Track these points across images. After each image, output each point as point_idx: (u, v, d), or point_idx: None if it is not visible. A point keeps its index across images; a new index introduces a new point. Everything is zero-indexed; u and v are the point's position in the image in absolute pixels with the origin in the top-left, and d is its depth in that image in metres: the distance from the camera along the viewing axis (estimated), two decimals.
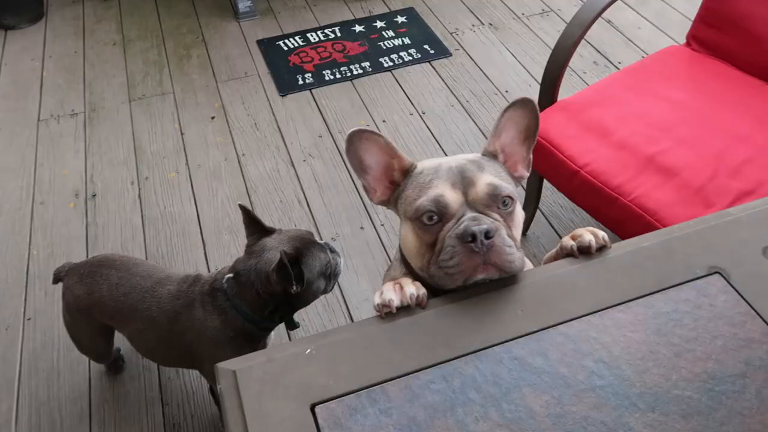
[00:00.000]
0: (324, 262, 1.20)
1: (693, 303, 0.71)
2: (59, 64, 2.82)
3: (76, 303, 1.30)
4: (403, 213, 0.82)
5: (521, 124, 0.81)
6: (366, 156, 0.81)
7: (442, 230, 0.75)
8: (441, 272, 0.74)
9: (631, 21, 2.86)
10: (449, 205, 0.75)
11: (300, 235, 1.22)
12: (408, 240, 0.81)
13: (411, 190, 0.80)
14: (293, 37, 2.89)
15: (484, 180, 0.76)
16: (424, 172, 0.80)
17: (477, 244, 0.71)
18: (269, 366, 0.67)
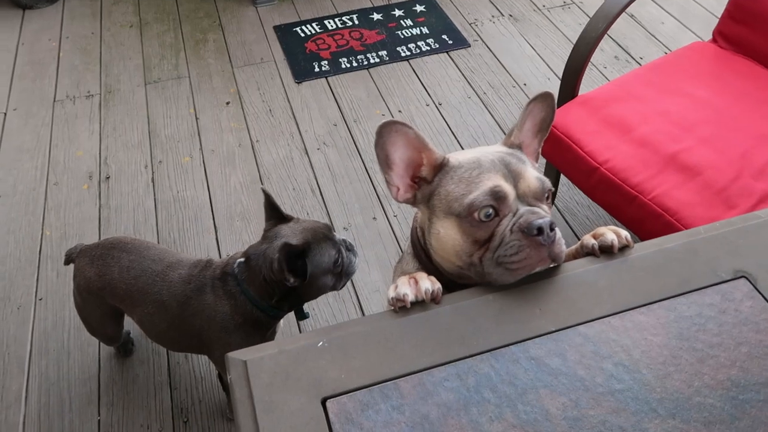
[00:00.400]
0: (332, 259, 1.17)
1: (717, 308, 0.69)
2: (76, 45, 2.82)
3: (87, 285, 1.30)
4: (444, 210, 0.77)
5: (538, 116, 0.80)
6: (392, 150, 0.78)
7: (500, 225, 0.73)
8: (500, 268, 0.71)
9: (654, 15, 2.80)
10: (507, 196, 0.73)
11: (315, 227, 1.19)
12: (449, 237, 0.76)
13: (454, 186, 0.76)
14: (310, 23, 2.86)
15: (532, 173, 0.75)
16: (463, 165, 0.77)
17: (544, 237, 0.70)
18: (280, 357, 0.65)
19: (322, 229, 1.19)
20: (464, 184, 0.75)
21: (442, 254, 0.79)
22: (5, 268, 1.92)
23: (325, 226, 1.21)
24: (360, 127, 2.34)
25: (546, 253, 0.71)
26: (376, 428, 0.60)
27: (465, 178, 0.75)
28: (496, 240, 0.72)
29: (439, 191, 0.77)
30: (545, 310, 0.69)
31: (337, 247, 1.18)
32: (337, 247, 1.18)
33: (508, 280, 0.72)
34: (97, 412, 1.58)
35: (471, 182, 0.75)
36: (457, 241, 0.76)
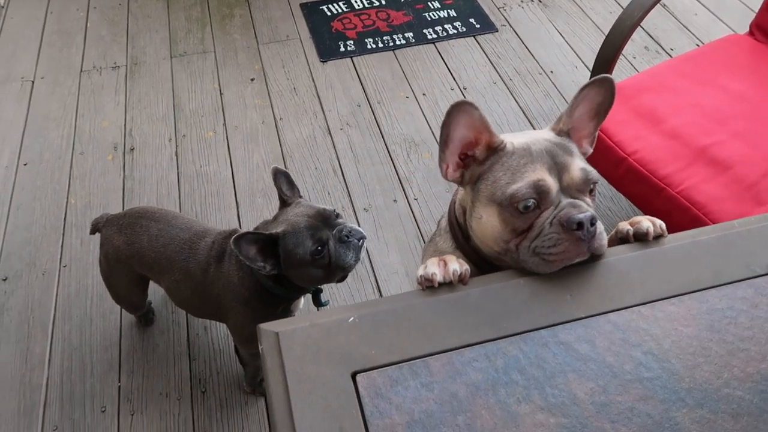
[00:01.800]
0: (307, 250, 1.09)
1: (750, 302, 0.68)
2: (103, 16, 2.83)
3: (116, 253, 1.32)
4: (487, 196, 0.77)
5: (595, 101, 0.79)
6: (454, 129, 0.77)
7: (540, 217, 0.73)
8: (536, 258, 0.72)
9: (688, 6, 2.75)
10: (550, 191, 0.73)
11: (306, 213, 1.13)
12: (490, 224, 0.77)
13: (502, 173, 0.76)
14: (337, 2, 2.85)
15: (577, 165, 0.75)
16: (516, 152, 0.76)
17: (584, 232, 0.70)
18: (312, 330, 0.66)
19: (313, 217, 1.13)
20: (510, 173, 0.75)
21: (481, 238, 0.80)
22: (31, 234, 1.95)
23: (319, 214, 1.13)
24: (383, 108, 2.33)
25: (585, 248, 0.71)
26: (405, 404, 0.61)
27: (512, 166, 0.75)
28: (534, 230, 0.73)
29: (487, 176, 0.77)
30: (576, 296, 0.69)
31: (319, 239, 1.11)
32: (318, 238, 1.10)
33: (543, 270, 0.72)
34: (118, 379, 1.62)
35: (516, 172, 0.74)
36: (496, 228, 0.76)
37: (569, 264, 0.71)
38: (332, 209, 1.16)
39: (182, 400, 1.58)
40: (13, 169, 2.15)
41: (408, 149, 2.17)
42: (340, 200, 2.02)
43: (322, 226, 1.12)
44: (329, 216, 1.14)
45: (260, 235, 1.09)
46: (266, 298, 1.24)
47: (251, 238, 1.07)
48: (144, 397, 1.59)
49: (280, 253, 1.11)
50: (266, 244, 1.10)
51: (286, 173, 1.21)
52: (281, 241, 1.10)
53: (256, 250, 1.09)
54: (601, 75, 0.76)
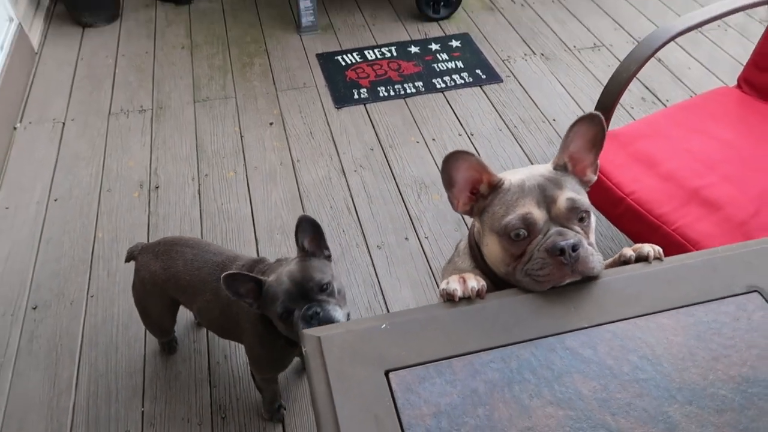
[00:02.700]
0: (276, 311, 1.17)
1: (732, 315, 0.78)
2: (131, 63, 3.01)
3: (152, 278, 1.42)
4: (489, 226, 0.89)
5: (588, 134, 0.90)
6: (456, 173, 0.88)
7: (531, 244, 0.84)
8: (529, 279, 0.82)
9: (682, 61, 2.92)
10: (536, 222, 0.84)
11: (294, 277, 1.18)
12: (493, 250, 0.89)
13: (499, 207, 0.87)
14: (351, 53, 3.03)
15: (563, 196, 0.85)
16: (511, 189, 0.87)
17: (566, 257, 0.80)
18: (348, 336, 0.76)
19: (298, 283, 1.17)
20: (505, 207, 0.86)
21: (489, 260, 0.92)
22: (60, 266, 2.05)
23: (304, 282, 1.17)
24: (395, 152, 2.47)
25: (568, 270, 0.81)
26: (432, 397, 0.70)
27: (507, 201, 0.87)
28: (526, 255, 0.84)
29: (489, 209, 0.89)
30: (579, 309, 0.79)
31: (287, 308, 1.17)
32: (286, 307, 1.16)
33: (536, 289, 0.82)
34: (141, 404, 1.69)
35: (510, 206, 0.86)
36: (498, 254, 0.88)
37: (560, 284, 0.81)
38: (323, 282, 1.19)
39: (203, 425, 1.64)
40: (44, 204, 2.27)
41: (418, 190, 2.29)
42: (354, 238, 2.13)
43: (298, 296, 1.17)
44: (311, 289, 1.17)
45: (249, 277, 1.19)
46: (270, 328, 1.31)
47: (241, 278, 1.17)
48: (166, 422, 1.65)
49: (261, 299, 1.21)
50: (255, 285, 1.20)
51: (313, 225, 1.22)
52: (264, 289, 1.20)
53: (246, 288, 1.19)
54: (589, 112, 0.88)
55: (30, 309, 1.92)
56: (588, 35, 3.13)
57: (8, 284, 1.99)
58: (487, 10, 3.36)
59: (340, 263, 2.04)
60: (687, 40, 3.03)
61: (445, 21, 3.26)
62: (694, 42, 3.03)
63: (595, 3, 3.40)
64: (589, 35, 3.13)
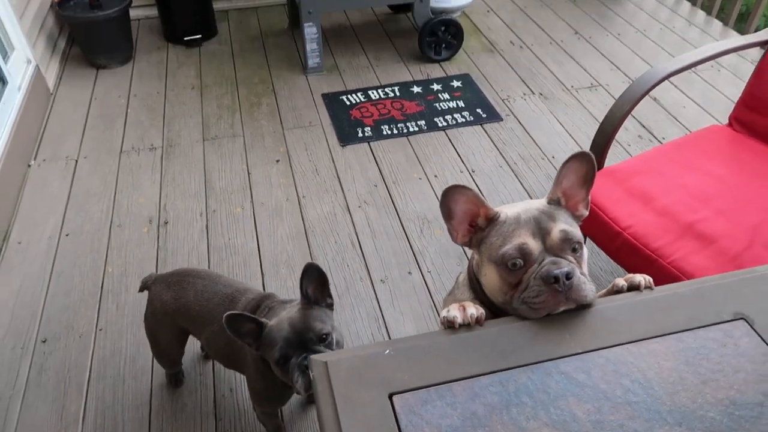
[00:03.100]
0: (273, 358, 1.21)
1: (719, 342, 0.82)
2: (143, 103, 3.11)
3: (163, 307, 1.47)
4: (487, 256, 0.94)
5: (580, 171, 0.95)
6: (454, 206, 0.94)
7: (527, 273, 0.88)
8: (526, 306, 0.87)
9: (677, 100, 3.00)
10: (531, 252, 0.89)
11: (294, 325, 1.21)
12: (491, 279, 0.93)
13: (496, 238, 0.92)
14: (356, 93, 3.12)
15: (557, 228, 0.90)
16: (507, 221, 0.92)
17: (560, 285, 0.84)
18: (354, 360, 0.80)
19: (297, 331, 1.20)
20: (502, 238, 0.91)
21: (487, 290, 0.96)
22: (70, 299, 2.10)
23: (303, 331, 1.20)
24: (398, 188, 2.53)
25: (563, 298, 0.85)
26: (433, 419, 0.73)
27: (504, 233, 0.92)
28: (523, 284, 0.88)
29: (486, 241, 0.94)
30: (574, 336, 0.83)
31: (284, 354, 1.19)
32: (284, 354, 1.19)
33: (532, 317, 0.86)
34: None
35: (507, 237, 0.91)
36: (496, 282, 0.92)
37: (555, 311, 0.85)
38: (323, 332, 1.21)
39: None
40: (56, 239, 2.33)
41: (421, 226, 2.35)
42: (358, 272, 2.17)
43: (297, 344, 1.20)
44: (310, 339, 1.20)
45: (251, 319, 1.22)
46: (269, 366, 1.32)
47: (243, 319, 1.21)
48: None
49: (261, 343, 1.24)
50: (257, 326, 1.23)
51: (319, 274, 1.24)
52: (264, 332, 1.23)
53: (247, 329, 1.23)
54: (580, 150, 0.94)
55: (40, 342, 1.95)
56: (585, 75, 3.23)
57: (19, 317, 2.03)
58: (487, 52, 3.47)
59: (344, 297, 2.08)
60: (682, 80, 3.12)
61: (446, 62, 3.37)
62: (688, 82, 3.12)
63: (592, 45, 3.51)
64: (586, 75, 3.23)
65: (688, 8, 3.87)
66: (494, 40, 3.58)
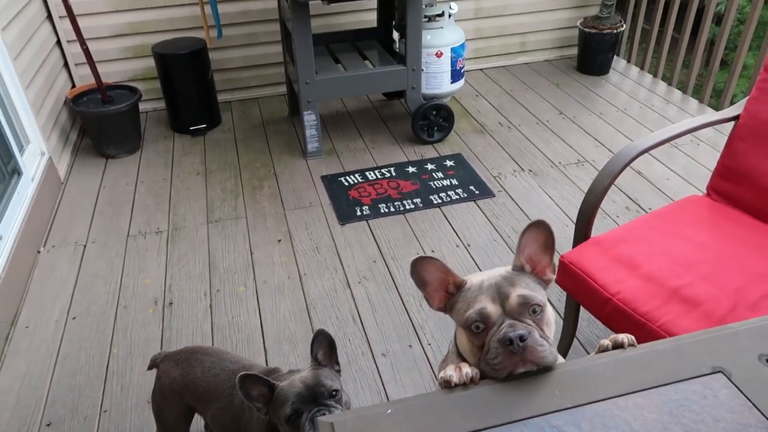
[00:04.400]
0: (284, 415, 1.23)
1: (699, 394, 0.87)
2: (149, 189, 3.24)
3: (171, 384, 1.50)
4: (457, 321, 1.02)
5: (539, 238, 1.03)
6: (425, 275, 1.03)
7: (487, 336, 0.95)
8: (489, 368, 0.93)
9: (660, 173, 3.15)
10: (490, 316, 0.96)
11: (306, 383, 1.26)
12: (463, 342, 1.01)
13: (462, 303, 1.00)
14: (353, 174, 3.27)
15: (515, 293, 0.97)
16: (471, 288, 1.01)
17: (514, 347, 0.91)
18: (358, 420, 0.85)
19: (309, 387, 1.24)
20: (467, 303, 0.99)
21: (462, 352, 1.03)
22: (75, 381, 2.12)
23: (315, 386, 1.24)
24: (397, 264, 2.61)
25: (518, 359, 0.90)
26: None
27: (468, 298, 1.00)
28: (486, 347, 0.95)
29: (456, 306, 1.02)
30: (563, 392, 0.88)
31: (296, 409, 1.22)
32: (296, 408, 1.22)
33: (496, 376, 0.92)
34: None
35: (470, 302, 0.99)
36: (466, 346, 1.00)
37: (515, 373, 0.91)
38: (333, 389, 1.26)
39: None
40: (63, 322, 2.38)
41: (420, 300, 2.41)
42: (359, 346, 2.21)
43: (309, 399, 1.24)
44: (321, 394, 1.25)
45: (264, 380, 1.26)
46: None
47: (255, 380, 1.25)
48: None
49: (271, 405, 1.27)
50: (268, 390, 1.27)
51: (328, 339, 1.32)
52: (275, 393, 1.27)
53: (258, 392, 1.26)
54: (536, 219, 1.02)
55: (44, 425, 1.97)
56: (572, 152, 3.39)
57: (24, 401, 2.05)
58: (478, 133, 3.66)
59: (346, 371, 2.10)
60: (664, 155, 3.28)
61: (439, 143, 3.54)
62: (670, 156, 3.28)
63: (576, 124, 3.70)
64: (572, 152, 3.39)
65: (664, 88, 4.11)
66: (483, 122, 3.78)
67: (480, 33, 4.39)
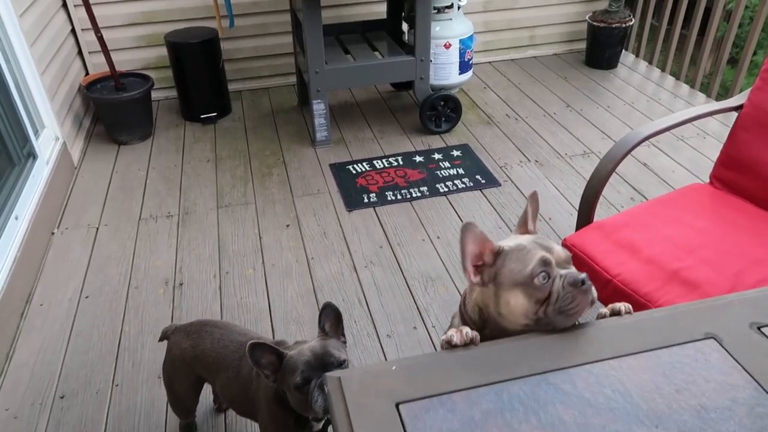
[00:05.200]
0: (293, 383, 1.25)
1: (692, 357, 0.91)
2: (161, 175, 3.29)
3: (182, 355, 1.55)
4: (510, 283, 1.02)
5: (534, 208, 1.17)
6: (466, 244, 1.04)
7: (553, 285, 0.99)
8: (562, 316, 0.98)
9: (666, 165, 3.17)
10: (552, 263, 1.01)
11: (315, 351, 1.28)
12: (517, 303, 1.01)
13: (514, 264, 1.02)
14: (361, 162, 3.31)
15: (558, 247, 1.05)
16: (515, 249, 1.04)
17: (586, 286, 0.98)
18: (365, 376, 0.90)
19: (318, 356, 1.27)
20: (520, 261, 1.02)
21: (511, 318, 1.03)
22: (88, 357, 2.18)
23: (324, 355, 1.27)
24: (403, 249, 2.65)
25: (590, 298, 0.98)
26: (435, 424, 0.82)
27: (519, 257, 1.03)
28: (553, 296, 0.99)
29: (503, 270, 1.04)
30: (559, 353, 0.93)
31: (306, 377, 1.24)
32: (306, 376, 1.24)
33: (568, 324, 0.98)
34: None
35: (524, 259, 1.02)
36: (522, 305, 1.01)
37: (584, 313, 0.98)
38: (342, 359, 1.29)
39: None
40: (76, 301, 2.44)
41: (425, 284, 2.45)
42: (365, 327, 2.26)
43: (318, 367, 1.26)
44: (329, 363, 1.27)
45: (273, 349, 1.30)
46: (282, 405, 1.39)
47: (265, 348, 1.29)
48: None
49: (280, 372, 1.31)
50: (277, 358, 1.31)
51: (335, 312, 1.37)
52: (284, 361, 1.30)
53: (267, 360, 1.30)
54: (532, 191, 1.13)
55: (58, 398, 2.02)
56: (578, 144, 3.42)
57: (39, 375, 2.11)
58: (485, 124, 3.69)
59: (352, 352, 2.15)
60: (670, 147, 3.30)
61: (446, 134, 3.58)
62: (676, 148, 3.30)
63: (583, 117, 3.73)
64: (579, 144, 3.42)
65: (672, 82, 4.12)
66: (491, 114, 3.81)
67: (489, 26, 4.41)
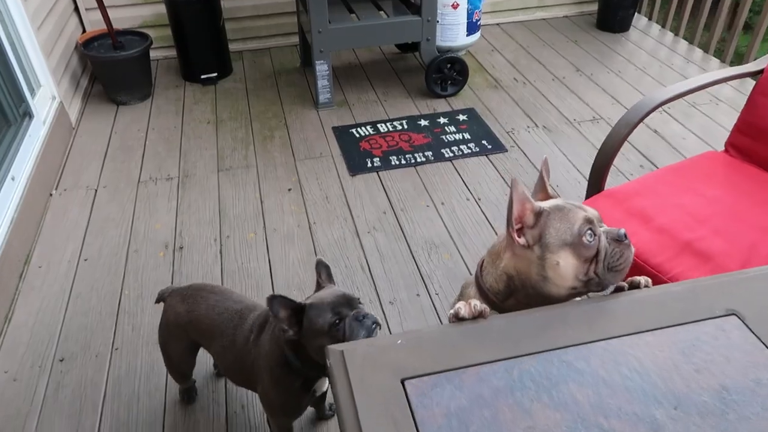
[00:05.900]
0: (327, 322, 1.24)
1: (712, 335, 0.87)
2: (160, 136, 3.22)
3: (176, 319, 1.52)
4: (558, 243, 0.97)
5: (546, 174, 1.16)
6: (516, 201, 1.00)
7: (600, 242, 0.98)
8: (611, 273, 0.97)
9: (677, 132, 3.09)
10: (595, 220, 0.99)
11: (334, 294, 1.29)
12: (567, 264, 0.97)
13: (559, 223, 0.98)
14: (365, 126, 3.23)
15: (588, 207, 1.03)
16: (555, 209, 1.00)
17: (627, 240, 0.98)
18: (369, 349, 0.86)
19: (339, 297, 1.28)
20: (566, 221, 0.99)
21: (559, 282, 0.98)
22: (88, 320, 2.16)
23: (344, 296, 1.28)
24: (406, 215, 2.60)
25: (632, 252, 0.98)
26: (443, 401, 0.79)
27: (563, 217, 0.99)
28: (601, 254, 0.97)
29: (549, 231, 0.99)
30: (574, 328, 0.88)
31: (338, 313, 1.25)
32: (338, 312, 1.25)
33: (618, 280, 0.98)
34: None
35: (570, 217, 0.99)
36: (572, 266, 0.97)
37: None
38: (356, 297, 1.30)
39: None
40: (75, 263, 2.40)
41: (429, 250, 2.41)
42: (367, 294, 2.23)
43: (345, 305, 1.28)
44: (352, 300, 1.29)
45: (290, 302, 1.26)
46: (287, 370, 1.37)
47: (282, 301, 1.25)
48: None
49: (304, 322, 1.27)
50: (294, 312, 1.27)
51: (327, 266, 1.39)
52: (306, 311, 1.27)
53: (286, 314, 1.26)
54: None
55: (57, 360, 2.01)
56: (587, 109, 3.33)
57: (38, 337, 2.09)
58: (492, 88, 3.59)
59: None
60: (682, 114, 3.22)
61: (452, 97, 3.49)
62: (688, 115, 3.22)
63: (593, 81, 3.63)
64: (588, 109, 3.33)
65: (686, 47, 4.00)
66: (498, 77, 3.71)
67: None
